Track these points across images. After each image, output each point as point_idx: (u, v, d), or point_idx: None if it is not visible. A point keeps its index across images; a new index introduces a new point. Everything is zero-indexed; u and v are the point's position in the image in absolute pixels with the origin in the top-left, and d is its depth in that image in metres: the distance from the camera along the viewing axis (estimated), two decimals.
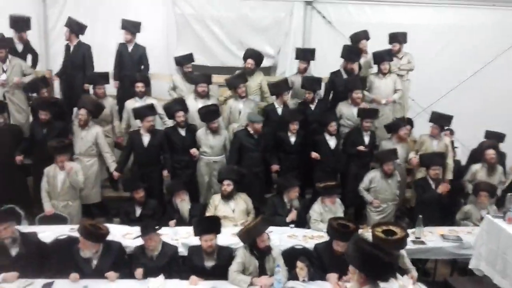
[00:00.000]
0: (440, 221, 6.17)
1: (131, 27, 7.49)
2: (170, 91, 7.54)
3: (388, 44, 7.71)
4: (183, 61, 7.42)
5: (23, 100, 7.15)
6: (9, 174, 6.61)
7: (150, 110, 6.57)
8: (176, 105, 6.67)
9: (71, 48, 7.43)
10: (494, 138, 7.13)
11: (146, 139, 6.53)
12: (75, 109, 7.21)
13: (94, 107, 6.62)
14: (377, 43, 7.66)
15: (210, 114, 6.57)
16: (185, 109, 6.68)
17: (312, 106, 7.25)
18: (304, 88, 7.26)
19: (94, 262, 4.74)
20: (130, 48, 7.56)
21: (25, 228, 5.18)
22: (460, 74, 8.88)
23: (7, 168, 6.59)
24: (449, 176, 6.89)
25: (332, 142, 6.87)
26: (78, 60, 7.41)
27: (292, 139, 6.81)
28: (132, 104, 6.95)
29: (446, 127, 7.19)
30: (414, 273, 4.82)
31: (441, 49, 8.88)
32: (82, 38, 7.47)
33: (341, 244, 4.77)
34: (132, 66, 7.57)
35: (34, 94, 7.01)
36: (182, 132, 6.66)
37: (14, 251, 4.70)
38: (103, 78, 7.17)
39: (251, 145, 6.62)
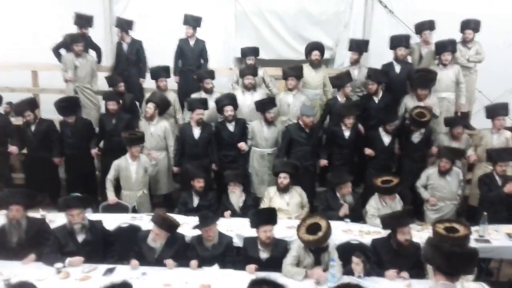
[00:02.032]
0: (507, 220, 5.85)
1: (193, 21, 7.64)
2: (234, 84, 7.62)
3: (452, 34, 7.30)
4: (248, 53, 7.48)
5: (93, 94, 7.54)
6: (80, 165, 6.96)
7: (201, 103, 6.68)
8: (226, 100, 6.72)
9: (125, 46, 7.73)
10: None
11: (196, 131, 6.65)
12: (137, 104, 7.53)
13: (162, 102, 6.84)
14: (441, 33, 7.30)
15: (266, 104, 6.62)
16: (234, 104, 6.72)
17: (376, 99, 7.05)
18: (369, 79, 7.07)
19: (158, 251, 4.89)
20: (192, 42, 7.73)
21: (90, 215, 5.41)
22: None
23: (79, 160, 6.94)
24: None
25: (386, 139, 6.68)
26: (133, 56, 7.74)
27: (347, 133, 6.65)
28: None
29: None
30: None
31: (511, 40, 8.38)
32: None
33: (405, 231, 4.71)
34: (194, 60, 7.74)
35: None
36: (231, 127, 6.72)
37: (80, 238, 4.93)
38: (165, 71, 7.36)
39: (302, 138, 6.55)
